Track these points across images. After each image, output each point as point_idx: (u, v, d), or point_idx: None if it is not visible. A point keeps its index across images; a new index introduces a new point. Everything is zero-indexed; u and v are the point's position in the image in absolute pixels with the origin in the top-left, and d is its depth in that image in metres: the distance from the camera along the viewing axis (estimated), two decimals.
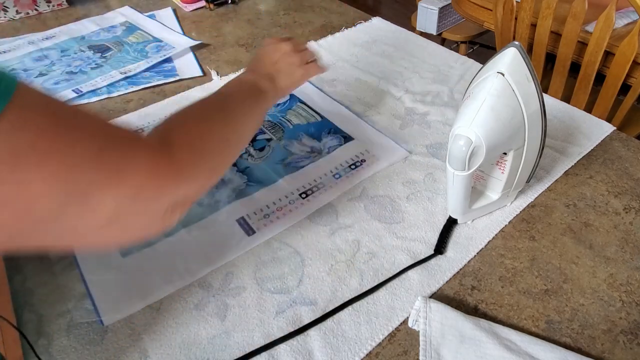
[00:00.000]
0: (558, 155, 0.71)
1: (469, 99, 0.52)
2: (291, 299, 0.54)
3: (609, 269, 0.56)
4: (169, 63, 0.98)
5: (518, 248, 0.59)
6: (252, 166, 0.71)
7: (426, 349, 0.48)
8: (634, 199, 0.64)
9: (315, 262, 0.58)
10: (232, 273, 0.57)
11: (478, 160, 0.51)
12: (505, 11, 1.24)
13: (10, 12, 1.16)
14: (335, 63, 0.95)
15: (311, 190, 0.67)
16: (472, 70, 0.90)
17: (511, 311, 0.52)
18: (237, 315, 0.52)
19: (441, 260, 0.57)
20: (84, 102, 0.86)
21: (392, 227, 0.62)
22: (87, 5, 1.24)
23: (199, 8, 1.20)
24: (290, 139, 0.76)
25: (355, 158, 0.72)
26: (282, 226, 0.62)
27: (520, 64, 0.51)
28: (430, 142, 0.75)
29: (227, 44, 1.05)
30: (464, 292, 0.54)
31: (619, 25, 1.14)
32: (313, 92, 0.87)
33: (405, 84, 0.88)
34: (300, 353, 0.49)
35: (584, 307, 0.52)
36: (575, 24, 1.08)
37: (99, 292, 0.54)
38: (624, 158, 0.71)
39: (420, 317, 0.50)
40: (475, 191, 0.62)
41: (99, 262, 0.57)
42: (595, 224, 0.61)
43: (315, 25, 1.11)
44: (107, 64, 0.97)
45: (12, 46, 1.04)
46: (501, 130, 0.51)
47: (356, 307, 0.53)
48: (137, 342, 0.50)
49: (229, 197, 0.66)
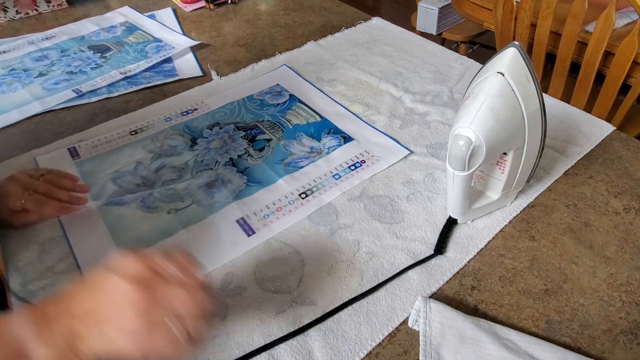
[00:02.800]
0: (558, 155, 0.71)
1: (468, 99, 0.52)
2: (291, 299, 0.54)
3: (609, 269, 0.56)
4: (169, 63, 0.98)
5: (518, 248, 0.59)
6: (252, 166, 0.71)
7: (426, 349, 0.48)
8: (634, 199, 0.64)
9: (315, 262, 0.58)
10: (232, 273, 0.57)
11: (478, 160, 0.51)
12: (505, 11, 1.24)
13: (10, 12, 1.16)
14: (336, 63, 0.95)
15: (311, 191, 0.67)
16: (472, 70, 0.90)
17: (511, 311, 0.52)
18: (237, 315, 0.52)
19: (441, 260, 0.57)
20: (84, 102, 0.86)
21: (392, 227, 0.62)
22: (87, 6, 1.24)
23: (199, 8, 1.20)
24: (289, 139, 0.76)
25: (355, 158, 0.72)
26: (282, 226, 0.62)
27: (520, 64, 0.51)
28: (430, 142, 0.75)
29: (227, 44, 1.05)
30: (464, 292, 0.54)
31: (619, 25, 1.14)
32: (313, 92, 0.87)
33: (405, 84, 0.88)
34: (300, 353, 0.49)
35: (584, 307, 0.52)
36: (575, 24, 1.08)
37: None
38: (624, 158, 0.71)
39: (420, 317, 0.50)
40: (475, 191, 0.62)
41: (99, 262, 0.57)
42: (595, 224, 0.61)
43: (315, 25, 1.11)
44: (107, 64, 0.97)
45: (12, 46, 1.04)
46: (501, 130, 0.51)
47: (356, 307, 0.53)
48: None
49: (229, 197, 0.66)
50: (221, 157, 0.73)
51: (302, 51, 1.00)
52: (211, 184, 0.68)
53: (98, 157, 0.73)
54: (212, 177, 0.69)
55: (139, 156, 0.73)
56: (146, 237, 0.60)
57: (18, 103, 0.86)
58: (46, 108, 0.84)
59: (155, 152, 0.74)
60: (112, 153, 0.74)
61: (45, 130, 0.80)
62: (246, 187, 0.67)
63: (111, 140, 0.76)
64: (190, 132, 0.78)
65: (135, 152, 0.74)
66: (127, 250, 0.39)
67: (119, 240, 0.60)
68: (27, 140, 0.78)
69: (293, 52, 1.00)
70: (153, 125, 0.80)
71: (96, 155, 0.73)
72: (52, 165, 0.71)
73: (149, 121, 0.80)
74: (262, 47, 1.03)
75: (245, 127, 0.79)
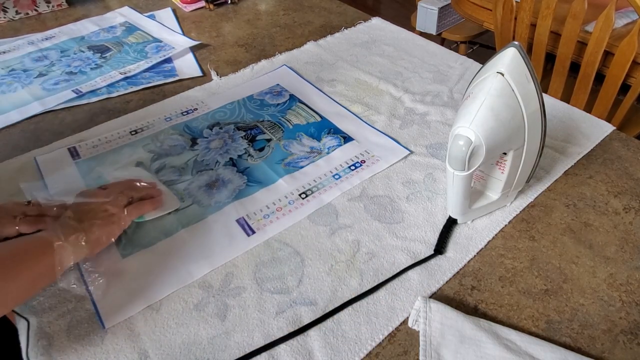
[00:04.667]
0: (558, 155, 0.71)
1: (468, 99, 0.52)
2: (291, 299, 0.54)
3: (609, 269, 0.56)
4: (169, 63, 0.98)
5: (518, 248, 0.59)
6: (252, 166, 0.71)
7: (426, 349, 0.48)
8: (633, 199, 0.64)
9: (315, 262, 0.58)
10: (232, 273, 0.57)
11: (478, 160, 0.51)
12: (505, 11, 1.24)
13: (10, 13, 1.16)
14: (335, 63, 0.95)
15: (311, 191, 0.67)
16: (472, 70, 0.91)
17: (511, 311, 0.52)
18: (237, 316, 0.52)
19: (441, 260, 0.57)
20: (84, 102, 0.86)
21: (392, 227, 0.62)
22: (86, 6, 1.24)
23: (199, 8, 1.20)
24: (289, 139, 0.76)
25: (355, 158, 0.72)
26: (282, 226, 0.62)
27: (520, 64, 0.51)
28: (430, 142, 0.75)
29: (226, 44, 1.05)
30: (464, 292, 0.54)
31: (619, 25, 1.14)
32: (313, 92, 0.87)
33: (404, 84, 0.88)
34: (300, 353, 0.49)
35: (584, 307, 0.52)
36: (574, 24, 1.08)
37: (100, 294, 0.54)
38: (624, 158, 0.71)
39: (420, 317, 0.50)
40: (475, 191, 0.62)
41: (99, 262, 0.57)
42: (595, 224, 0.61)
43: (315, 25, 1.11)
44: (107, 65, 0.97)
45: (12, 46, 1.04)
46: (501, 130, 0.51)
47: (356, 307, 0.53)
48: (137, 343, 0.50)
49: (229, 197, 0.66)
50: (221, 157, 0.73)
51: (302, 51, 1.00)
52: (211, 184, 0.68)
53: (98, 157, 0.73)
54: (212, 177, 0.69)
55: (139, 156, 0.73)
56: (146, 237, 0.60)
57: (18, 103, 0.86)
58: (46, 108, 0.84)
59: (155, 152, 0.74)
60: (112, 153, 0.74)
61: (45, 130, 0.80)
62: (246, 187, 0.67)
63: (111, 140, 0.76)
64: (190, 132, 0.78)
65: (135, 152, 0.74)
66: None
67: (119, 240, 0.60)
68: (27, 140, 0.78)
69: (293, 52, 1.00)
70: (153, 125, 0.80)
71: (96, 156, 0.73)
72: (52, 165, 0.71)
73: (149, 121, 0.80)
74: (262, 47, 1.03)
75: (245, 127, 0.79)
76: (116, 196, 0.58)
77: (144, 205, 0.61)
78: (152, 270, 0.57)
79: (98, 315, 0.52)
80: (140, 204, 0.60)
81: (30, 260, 0.48)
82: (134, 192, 0.61)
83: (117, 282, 0.55)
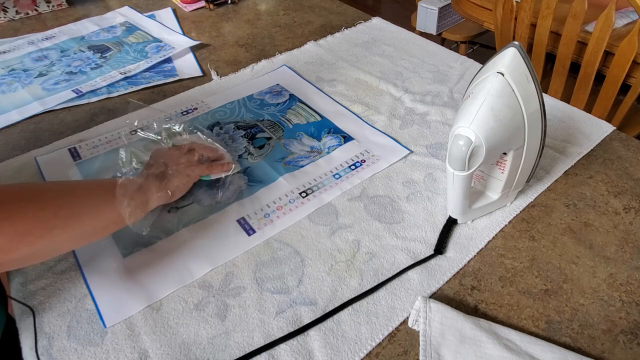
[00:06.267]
0: (558, 155, 0.71)
1: (468, 99, 0.52)
2: (291, 299, 0.54)
3: (609, 269, 0.56)
4: (169, 63, 0.98)
5: (518, 248, 0.59)
6: (252, 166, 0.71)
7: (426, 349, 0.48)
8: (633, 198, 0.64)
9: (315, 262, 0.58)
10: (232, 273, 0.57)
11: (478, 160, 0.52)
12: (505, 11, 1.24)
13: (10, 13, 1.16)
14: (336, 63, 0.95)
15: (311, 190, 0.67)
16: (472, 70, 0.91)
17: (511, 311, 0.52)
18: (237, 316, 0.52)
19: (441, 260, 0.57)
20: (84, 102, 0.86)
21: (392, 227, 0.62)
22: (86, 6, 1.24)
23: (199, 8, 1.20)
24: (290, 139, 0.76)
25: (355, 158, 0.72)
26: (282, 226, 0.62)
27: (520, 64, 0.51)
28: (430, 142, 0.75)
29: (226, 44, 1.05)
30: (464, 292, 0.54)
31: (619, 25, 1.14)
32: (313, 92, 0.87)
33: (405, 84, 0.88)
34: (300, 353, 0.49)
35: (584, 307, 0.53)
36: (575, 24, 1.08)
37: (101, 294, 0.54)
38: (624, 158, 0.71)
39: (420, 317, 0.50)
40: (475, 191, 0.62)
41: (99, 262, 0.57)
42: (595, 224, 0.61)
43: (315, 25, 1.11)
44: (107, 64, 0.97)
45: (12, 46, 1.04)
46: (501, 130, 0.51)
47: (356, 307, 0.53)
48: (137, 343, 0.50)
49: (229, 197, 0.66)
50: None
51: (302, 51, 1.00)
52: (212, 184, 0.68)
53: (99, 157, 0.73)
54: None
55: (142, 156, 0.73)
56: (147, 236, 0.60)
57: (18, 103, 0.86)
58: (46, 108, 0.84)
59: None
60: (112, 153, 0.74)
61: (45, 130, 0.80)
62: (247, 187, 0.67)
63: (111, 140, 0.76)
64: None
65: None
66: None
67: (119, 239, 0.60)
68: (27, 140, 0.78)
69: (293, 52, 1.00)
70: (153, 125, 0.79)
71: (97, 156, 0.73)
72: (52, 166, 0.71)
73: (149, 121, 0.80)
74: (262, 47, 1.03)
75: (245, 127, 0.79)
76: (191, 153, 0.65)
77: (216, 167, 0.66)
78: (152, 270, 0.57)
79: (99, 314, 0.52)
80: (214, 164, 0.66)
81: (98, 208, 0.51)
82: (203, 151, 0.66)
83: (118, 281, 0.56)
